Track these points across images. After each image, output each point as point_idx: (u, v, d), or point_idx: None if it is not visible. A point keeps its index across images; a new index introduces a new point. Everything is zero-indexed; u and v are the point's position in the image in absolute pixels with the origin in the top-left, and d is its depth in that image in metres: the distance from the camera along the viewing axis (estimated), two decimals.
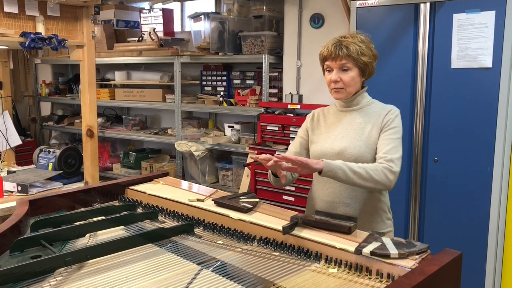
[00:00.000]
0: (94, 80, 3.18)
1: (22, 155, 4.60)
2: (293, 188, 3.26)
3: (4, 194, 2.96)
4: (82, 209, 1.69)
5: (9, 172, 3.39)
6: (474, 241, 2.68)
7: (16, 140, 3.81)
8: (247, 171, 3.57)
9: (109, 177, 4.35)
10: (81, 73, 3.12)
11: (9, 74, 3.86)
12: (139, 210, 1.74)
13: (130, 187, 1.87)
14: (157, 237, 1.43)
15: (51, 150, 3.54)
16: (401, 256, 1.19)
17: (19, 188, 3.04)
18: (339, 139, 1.84)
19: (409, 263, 1.17)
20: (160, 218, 1.65)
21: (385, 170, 1.67)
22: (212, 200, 1.67)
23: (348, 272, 1.22)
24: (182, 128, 4.27)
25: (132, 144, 5.08)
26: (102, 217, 1.61)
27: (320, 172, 1.63)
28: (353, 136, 1.82)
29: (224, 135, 4.12)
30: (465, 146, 2.70)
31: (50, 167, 3.48)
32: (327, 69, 1.83)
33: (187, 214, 1.63)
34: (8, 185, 3.08)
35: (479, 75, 2.61)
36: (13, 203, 2.84)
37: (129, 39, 4.73)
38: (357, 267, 1.21)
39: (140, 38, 4.53)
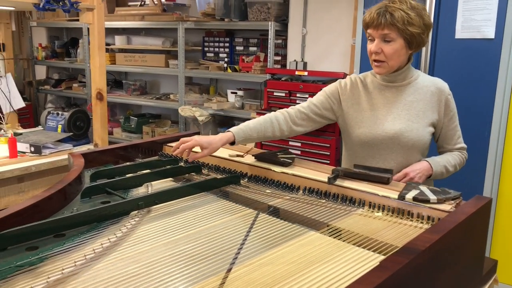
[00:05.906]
0: (104, 43, 3.21)
1: (20, 119, 4.59)
2: (298, 151, 3.41)
3: (17, 154, 3.02)
4: (128, 163, 1.79)
5: (15, 134, 3.42)
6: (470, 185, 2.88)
7: (19, 102, 3.81)
8: None
9: (111, 142, 4.40)
10: (90, 37, 3.15)
11: (11, 36, 3.83)
12: (181, 164, 1.85)
13: (168, 144, 1.98)
14: (210, 187, 1.55)
15: (60, 112, 3.58)
16: (439, 201, 1.35)
17: (32, 149, 3.10)
18: (391, 120, 1.66)
19: (447, 207, 1.32)
20: (203, 172, 1.77)
21: (465, 160, 1.83)
22: (252, 155, 1.79)
23: (392, 215, 1.37)
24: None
25: (131, 109, 5.12)
26: (149, 171, 1.72)
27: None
28: (407, 117, 1.66)
29: (227, 101, 4.21)
30: (464, 112, 2.87)
31: (59, 129, 3.53)
32: (369, 37, 1.64)
33: (229, 168, 1.75)
34: (20, 146, 3.13)
35: (482, 45, 2.77)
36: (27, 163, 2.91)
37: (129, 3, 4.71)
38: (399, 211, 1.37)
39: (142, 3, 4.52)
